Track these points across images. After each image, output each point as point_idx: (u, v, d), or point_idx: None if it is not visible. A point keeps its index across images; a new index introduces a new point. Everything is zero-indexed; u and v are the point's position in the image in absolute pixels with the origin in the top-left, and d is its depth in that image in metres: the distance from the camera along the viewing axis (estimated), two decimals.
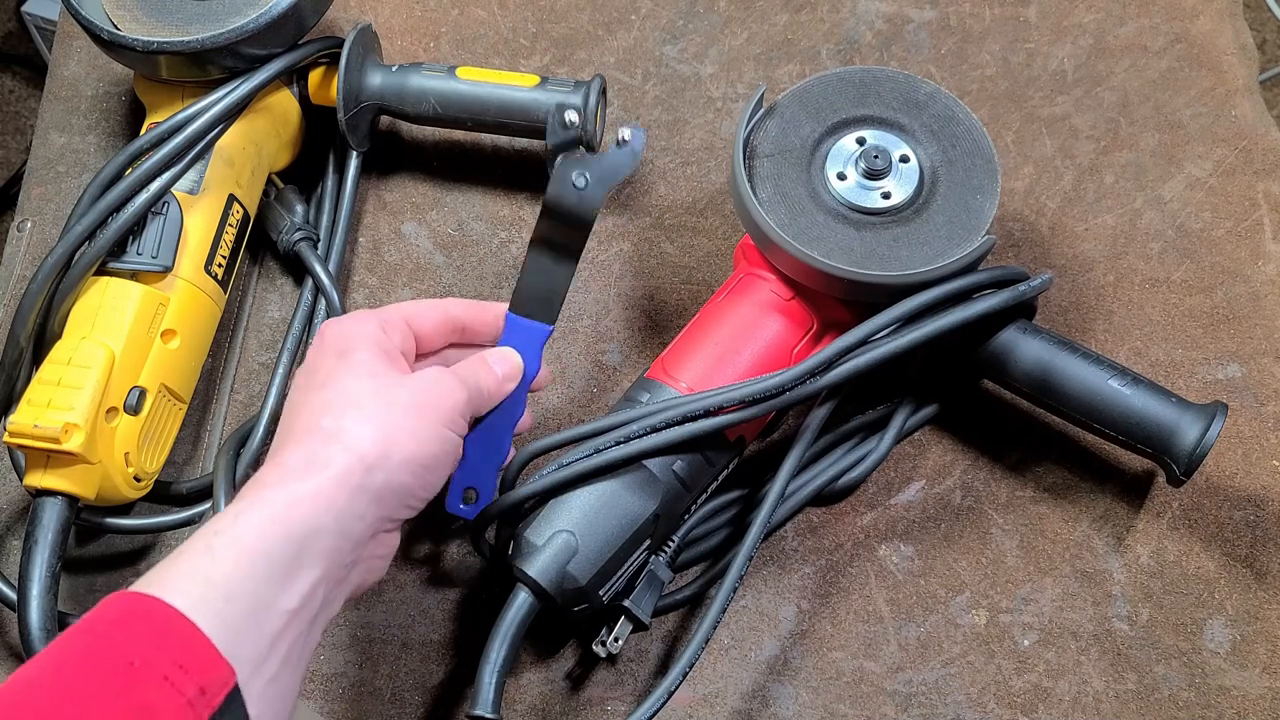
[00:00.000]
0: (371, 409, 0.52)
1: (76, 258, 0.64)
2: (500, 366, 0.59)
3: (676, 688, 0.58)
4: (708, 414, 0.60)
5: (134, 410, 0.63)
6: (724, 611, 0.60)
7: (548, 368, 0.64)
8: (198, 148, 0.66)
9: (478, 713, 0.57)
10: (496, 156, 0.80)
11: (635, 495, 0.60)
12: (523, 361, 0.60)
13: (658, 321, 0.75)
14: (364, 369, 0.53)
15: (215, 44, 0.66)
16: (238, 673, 0.44)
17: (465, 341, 0.61)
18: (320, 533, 0.48)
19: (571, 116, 0.67)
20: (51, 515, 0.61)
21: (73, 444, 0.60)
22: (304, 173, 0.77)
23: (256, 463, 0.68)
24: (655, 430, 0.60)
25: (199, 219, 0.68)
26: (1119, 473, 0.69)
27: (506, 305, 0.61)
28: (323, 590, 0.49)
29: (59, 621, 0.61)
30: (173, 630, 0.43)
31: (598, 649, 0.61)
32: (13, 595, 0.63)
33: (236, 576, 0.46)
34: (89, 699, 0.41)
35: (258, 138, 0.72)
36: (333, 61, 0.74)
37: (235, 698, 0.44)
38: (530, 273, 0.61)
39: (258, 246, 0.77)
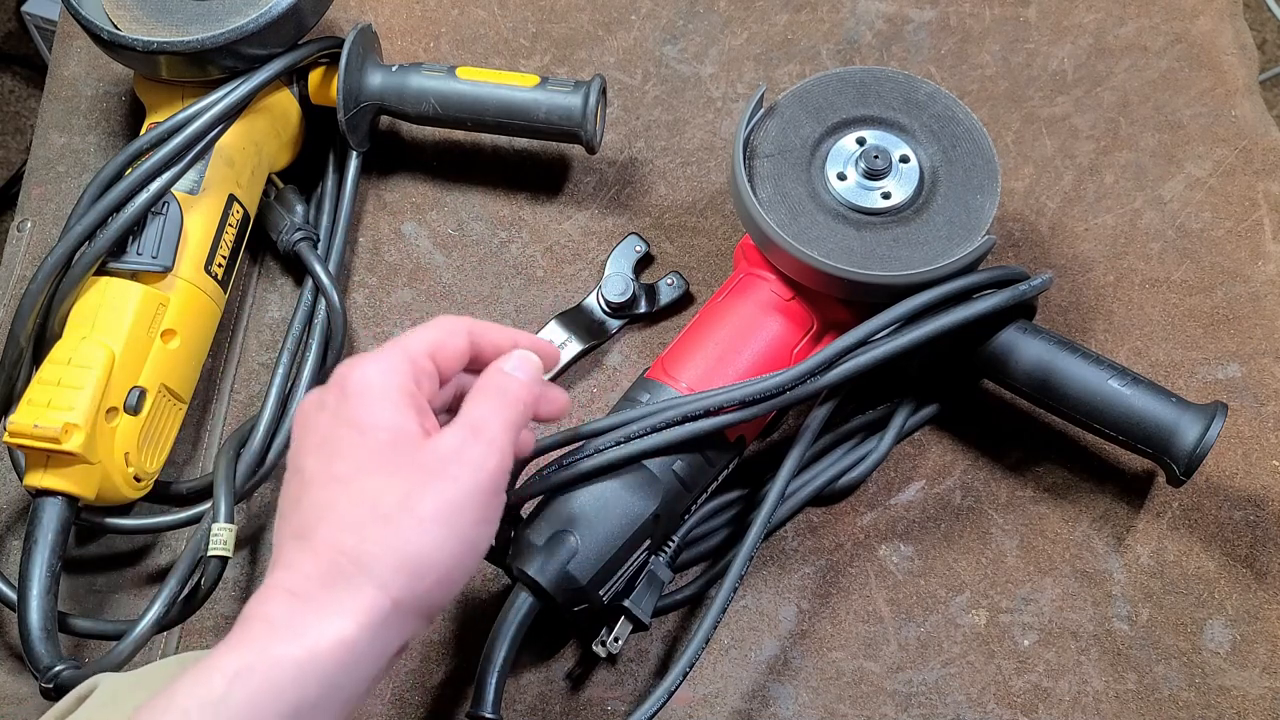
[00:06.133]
0: (399, 522, 0.43)
1: (76, 258, 0.64)
2: (523, 372, 0.50)
3: (677, 688, 0.58)
4: (708, 414, 0.60)
5: (134, 410, 0.63)
6: (724, 611, 0.60)
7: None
8: (198, 148, 0.66)
9: (478, 713, 0.57)
10: (496, 156, 0.80)
11: (635, 495, 0.60)
12: (546, 349, 0.52)
13: (658, 322, 0.75)
14: (386, 464, 0.45)
15: (215, 44, 0.66)
16: None
17: (477, 366, 0.51)
18: (341, 685, 0.42)
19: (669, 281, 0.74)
20: (51, 515, 0.61)
21: (73, 444, 0.60)
22: (304, 173, 0.77)
23: (257, 463, 0.68)
24: (655, 430, 0.60)
25: (199, 219, 0.68)
26: (1119, 473, 0.69)
27: (525, 336, 0.52)
28: None
29: (59, 621, 0.61)
30: None
31: (598, 649, 0.61)
32: (13, 595, 0.63)
33: None
34: None
35: (258, 138, 0.72)
36: (333, 61, 0.74)
37: None
38: (542, 336, 0.70)
39: (258, 246, 0.77)
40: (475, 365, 0.51)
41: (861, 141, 0.66)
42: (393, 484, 0.44)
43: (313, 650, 0.41)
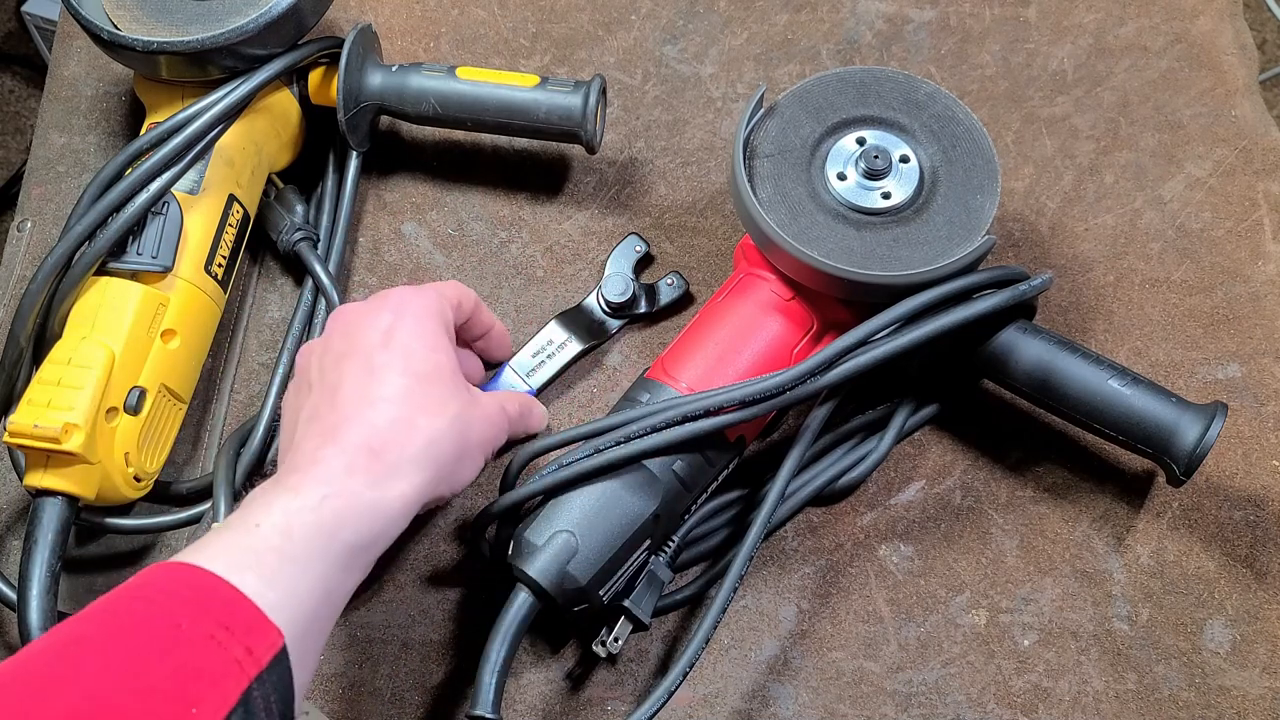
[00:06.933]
0: (456, 428, 0.56)
1: (76, 258, 0.64)
2: (538, 413, 0.68)
3: (677, 688, 0.58)
4: (708, 414, 0.60)
5: (134, 410, 0.63)
6: (724, 611, 0.60)
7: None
8: (198, 148, 0.66)
9: (478, 713, 0.57)
10: (496, 156, 0.80)
11: (635, 495, 0.60)
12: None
13: (658, 322, 0.75)
14: (450, 381, 0.58)
15: (215, 44, 0.66)
16: (290, 638, 0.47)
17: (460, 332, 0.66)
18: (391, 530, 0.53)
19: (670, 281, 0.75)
20: (51, 515, 0.61)
21: (73, 444, 0.60)
22: (304, 173, 0.77)
23: (257, 463, 0.68)
24: (655, 430, 0.60)
25: (199, 219, 0.68)
26: (1119, 473, 0.69)
27: (500, 323, 0.69)
28: (367, 573, 0.53)
29: (59, 621, 0.61)
30: (218, 596, 0.46)
31: (598, 649, 0.61)
32: (13, 595, 0.63)
33: (311, 558, 0.49)
34: (137, 656, 0.43)
35: (258, 138, 0.72)
36: (333, 61, 0.74)
37: (282, 659, 0.46)
38: (543, 335, 0.72)
39: (258, 246, 0.77)
40: (464, 330, 0.66)
41: (861, 141, 0.67)
42: (455, 400, 0.57)
43: (384, 496, 0.52)
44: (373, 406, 0.55)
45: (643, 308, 0.73)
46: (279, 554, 0.48)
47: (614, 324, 0.73)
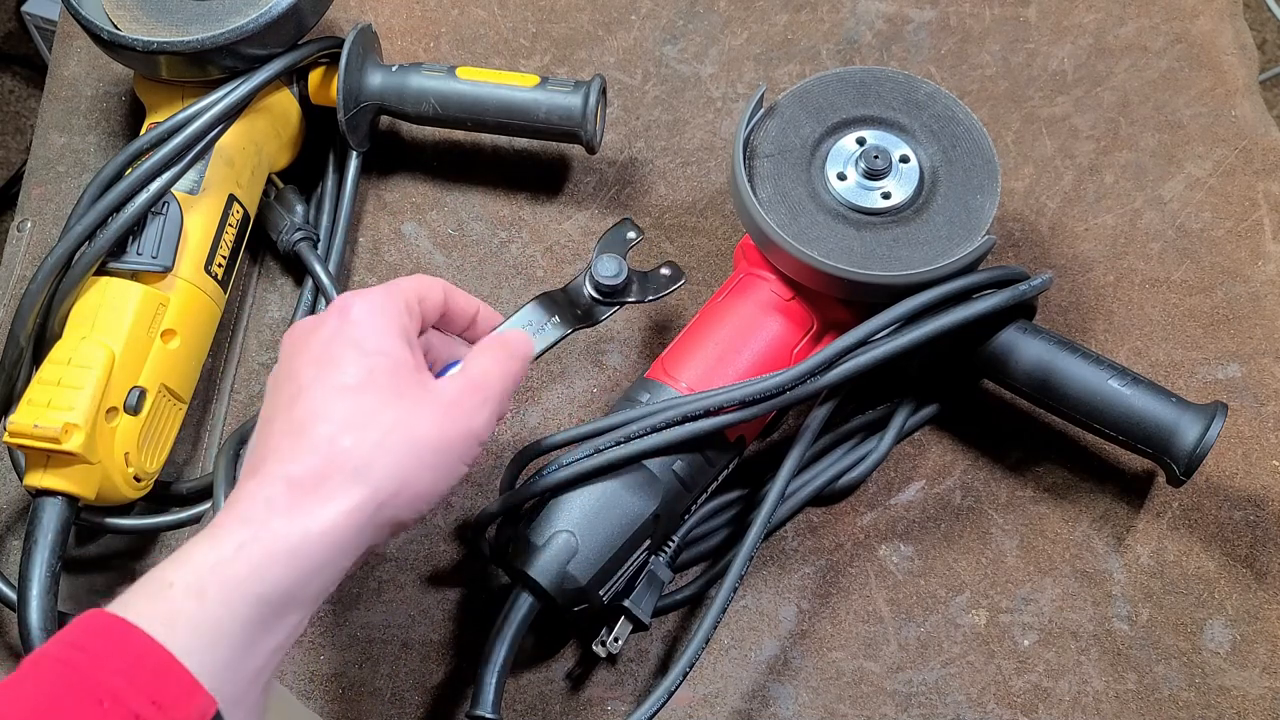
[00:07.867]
0: (395, 438, 0.48)
1: (76, 258, 0.64)
2: (523, 348, 0.56)
3: (677, 688, 0.58)
4: (708, 414, 0.60)
5: (134, 410, 0.63)
6: (724, 611, 0.60)
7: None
8: (198, 148, 0.66)
9: (478, 713, 0.57)
10: (496, 156, 0.80)
11: (635, 495, 0.60)
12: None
13: (658, 321, 0.75)
14: (388, 385, 0.49)
15: (215, 44, 0.66)
16: (219, 704, 0.43)
17: (440, 327, 0.58)
18: (321, 573, 0.46)
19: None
20: (51, 515, 0.61)
21: (73, 444, 0.60)
22: (304, 173, 0.77)
23: None
24: (655, 430, 0.60)
25: (199, 219, 0.68)
26: (1119, 473, 0.69)
27: (485, 305, 0.59)
28: (307, 619, 0.47)
29: (59, 621, 0.61)
30: (147, 662, 0.42)
31: (598, 649, 0.61)
32: (13, 595, 0.63)
33: (228, 618, 0.44)
34: None
35: (258, 138, 0.72)
36: (333, 61, 0.74)
37: None
38: (521, 315, 0.62)
39: (258, 246, 0.77)
40: (443, 324, 0.57)
41: (861, 141, 0.67)
42: (393, 405, 0.49)
43: (306, 534, 0.46)
44: (295, 434, 0.48)
45: (634, 295, 0.68)
46: (190, 621, 0.43)
47: (603, 310, 0.67)
